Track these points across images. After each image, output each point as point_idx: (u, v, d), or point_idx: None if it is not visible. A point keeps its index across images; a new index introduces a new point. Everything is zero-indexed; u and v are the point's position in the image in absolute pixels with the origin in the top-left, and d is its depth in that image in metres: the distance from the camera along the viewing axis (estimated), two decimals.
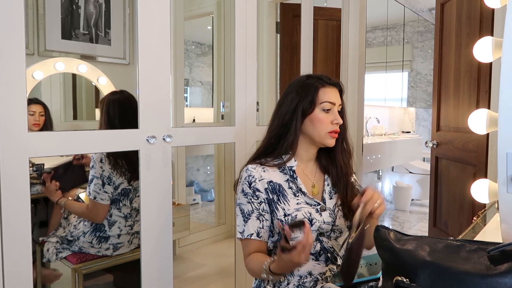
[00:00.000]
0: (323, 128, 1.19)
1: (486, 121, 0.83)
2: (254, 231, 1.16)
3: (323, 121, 1.19)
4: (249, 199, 1.18)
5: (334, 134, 1.20)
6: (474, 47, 0.87)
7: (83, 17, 2.40)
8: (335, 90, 1.22)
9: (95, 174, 1.76)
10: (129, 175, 1.82)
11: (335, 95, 1.22)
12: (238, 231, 1.19)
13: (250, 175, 1.18)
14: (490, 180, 0.92)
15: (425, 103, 5.31)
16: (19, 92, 1.15)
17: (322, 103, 1.19)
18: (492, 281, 0.59)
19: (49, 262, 1.85)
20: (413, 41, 5.00)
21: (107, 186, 1.78)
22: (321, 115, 1.19)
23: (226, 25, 3.20)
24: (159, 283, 1.52)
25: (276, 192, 1.19)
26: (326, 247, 1.20)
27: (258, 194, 1.18)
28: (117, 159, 1.79)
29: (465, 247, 0.66)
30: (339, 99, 1.23)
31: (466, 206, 2.20)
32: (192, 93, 4.06)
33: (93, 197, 1.76)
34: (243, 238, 1.18)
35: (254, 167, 1.20)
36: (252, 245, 1.17)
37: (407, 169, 4.74)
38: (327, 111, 1.19)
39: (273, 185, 1.19)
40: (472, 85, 2.12)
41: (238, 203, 1.20)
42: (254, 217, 1.17)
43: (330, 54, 3.10)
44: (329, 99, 1.20)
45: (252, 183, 1.18)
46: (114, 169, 1.78)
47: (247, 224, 1.17)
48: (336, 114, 1.20)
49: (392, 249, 0.70)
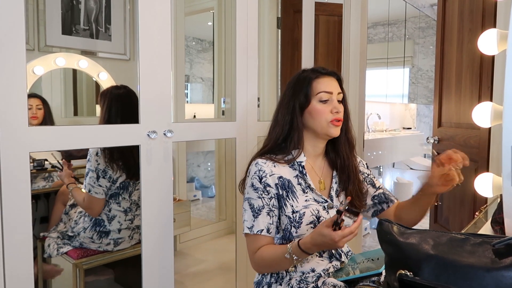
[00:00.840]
0: (323, 118, 1.17)
1: (491, 114, 0.83)
2: (265, 227, 1.14)
3: (322, 112, 1.17)
4: (259, 194, 1.15)
5: (337, 123, 1.18)
6: (478, 40, 0.86)
7: (83, 13, 2.38)
8: (331, 79, 1.21)
9: (91, 167, 1.77)
10: (126, 168, 1.81)
11: (332, 84, 1.20)
12: (246, 226, 1.15)
13: (261, 169, 1.16)
14: (494, 174, 0.92)
15: (426, 99, 5.30)
16: (19, 86, 1.15)
17: (317, 94, 1.18)
18: (497, 275, 0.58)
19: (50, 257, 1.86)
20: (415, 37, 4.98)
21: (102, 180, 1.77)
22: (318, 106, 1.18)
23: (227, 21, 3.19)
24: (160, 278, 1.52)
25: (285, 188, 1.17)
26: None
27: (269, 189, 1.15)
28: (113, 152, 1.78)
29: (469, 240, 0.65)
30: (338, 87, 1.21)
31: (467, 202, 2.19)
32: (192, 89, 4.04)
33: (88, 190, 1.77)
34: (252, 234, 1.14)
35: (264, 161, 1.18)
36: (260, 241, 1.15)
37: (408, 165, 4.73)
38: (324, 102, 1.18)
39: (283, 181, 1.17)
40: (474, 80, 2.11)
41: (247, 198, 1.17)
42: (264, 212, 1.14)
43: (331, 50, 3.08)
44: (325, 88, 1.18)
45: (263, 178, 1.15)
46: (110, 162, 1.78)
47: (257, 220, 1.14)
48: (335, 102, 1.18)
49: (395, 243, 0.69)
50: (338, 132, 1.19)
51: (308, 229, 1.15)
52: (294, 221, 1.15)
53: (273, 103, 3.02)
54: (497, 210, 0.99)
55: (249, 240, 1.17)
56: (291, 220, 1.15)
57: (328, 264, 1.18)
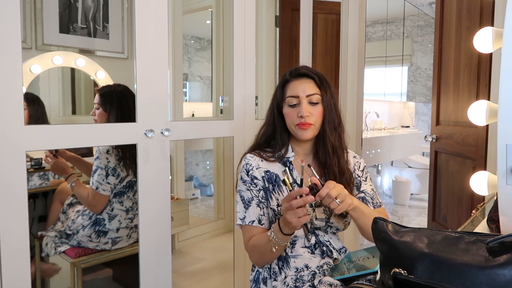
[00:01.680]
0: (291, 121, 1.21)
1: (486, 113, 0.83)
2: (256, 218, 1.18)
3: (290, 116, 1.21)
4: (247, 186, 1.20)
5: (302, 126, 1.18)
6: (474, 38, 0.86)
7: (81, 11, 2.38)
8: (303, 82, 1.21)
9: (100, 165, 1.77)
10: (134, 167, 1.82)
11: (300, 87, 1.20)
12: (239, 218, 1.19)
13: (248, 163, 1.22)
14: (490, 172, 0.92)
15: (424, 98, 5.30)
16: (15, 85, 1.14)
17: (286, 98, 1.22)
18: (491, 273, 0.58)
19: (48, 256, 1.86)
20: (413, 35, 4.98)
21: (110, 177, 1.78)
22: (287, 110, 1.22)
23: (225, 19, 3.18)
24: (157, 277, 1.52)
25: (272, 182, 1.21)
26: (322, 241, 1.20)
27: (256, 182, 1.20)
28: (124, 151, 1.79)
29: (463, 238, 0.65)
30: (307, 90, 1.19)
31: (465, 200, 2.19)
32: (191, 88, 4.04)
33: (95, 187, 1.77)
34: (244, 225, 1.19)
35: (252, 156, 1.23)
36: (253, 231, 1.18)
37: (406, 164, 4.74)
38: (293, 106, 1.20)
39: (270, 175, 1.21)
40: (472, 79, 2.11)
41: (238, 190, 1.22)
42: (254, 204, 1.19)
43: (330, 48, 3.08)
44: (291, 93, 1.21)
45: (250, 171, 1.20)
46: (120, 160, 1.79)
47: (248, 211, 1.18)
48: (302, 106, 1.18)
49: (390, 241, 0.69)
50: (306, 135, 1.19)
51: None
52: (279, 214, 1.17)
53: None
54: (493, 208, 0.99)
55: (243, 231, 1.21)
56: (276, 213, 1.18)
57: (322, 261, 1.18)
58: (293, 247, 1.19)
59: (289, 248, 1.19)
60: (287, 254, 1.19)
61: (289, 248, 1.19)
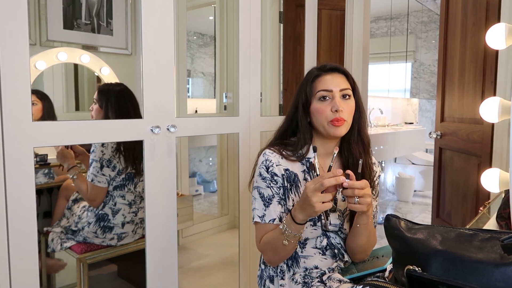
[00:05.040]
0: (323, 118, 1.13)
1: (498, 110, 0.82)
2: (277, 216, 1.13)
3: (321, 111, 1.14)
4: (268, 183, 1.15)
5: (336, 123, 1.11)
6: (486, 34, 0.85)
7: (84, 7, 2.37)
8: (335, 76, 1.17)
9: (95, 158, 1.79)
10: (132, 159, 1.82)
11: (333, 81, 1.15)
12: (257, 215, 1.14)
13: (268, 159, 1.16)
14: (501, 170, 0.91)
15: (428, 94, 5.29)
16: (23, 81, 1.14)
17: (317, 92, 1.15)
18: (506, 270, 0.58)
19: (53, 252, 1.86)
20: (417, 32, 4.96)
21: (105, 169, 1.79)
22: (318, 105, 1.15)
23: (229, 15, 3.17)
24: (163, 273, 1.53)
25: (290, 181, 1.16)
26: (334, 243, 1.17)
27: (276, 178, 1.15)
28: (119, 143, 1.80)
29: (478, 236, 0.65)
30: (341, 84, 1.16)
31: (469, 197, 2.19)
32: (194, 84, 4.03)
33: (91, 180, 1.78)
34: (263, 223, 1.13)
35: (271, 152, 1.17)
36: (267, 229, 1.14)
37: (410, 160, 4.73)
38: (324, 100, 1.14)
39: (289, 174, 1.16)
40: (478, 75, 2.10)
41: (256, 186, 1.16)
42: (275, 202, 1.14)
43: (334, 44, 3.06)
44: (324, 87, 1.15)
45: (270, 168, 1.15)
46: (116, 152, 1.79)
47: (268, 209, 1.13)
48: (336, 101, 1.13)
49: (403, 238, 0.69)
50: (341, 132, 1.13)
51: (308, 226, 1.14)
52: None
53: (275, 97, 3.01)
54: (502, 205, 0.98)
55: (257, 229, 1.16)
56: None
57: (334, 264, 1.16)
58: (304, 247, 1.16)
59: (300, 248, 1.16)
60: (297, 253, 1.16)
61: (299, 248, 1.16)
